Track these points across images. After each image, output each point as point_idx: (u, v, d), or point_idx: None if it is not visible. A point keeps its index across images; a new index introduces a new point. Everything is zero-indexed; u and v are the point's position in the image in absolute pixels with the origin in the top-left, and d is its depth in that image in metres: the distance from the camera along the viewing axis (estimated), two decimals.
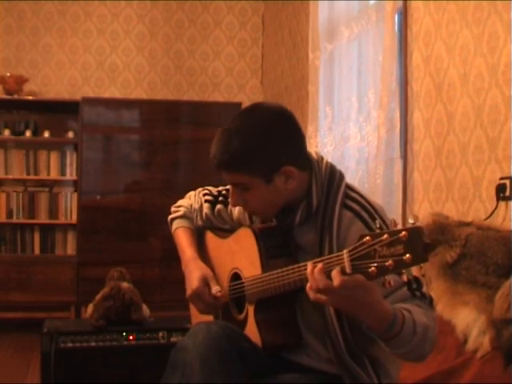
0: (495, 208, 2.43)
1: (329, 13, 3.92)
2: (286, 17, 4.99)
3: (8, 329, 4.63)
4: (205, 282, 1.72)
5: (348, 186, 1.61)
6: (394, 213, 3.05)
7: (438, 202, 2.84)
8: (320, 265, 1.31)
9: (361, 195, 1.59)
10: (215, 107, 5.18)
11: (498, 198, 2.42)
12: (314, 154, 1.63)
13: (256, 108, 1.64)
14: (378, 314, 1.33)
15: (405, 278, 1.33)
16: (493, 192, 2.45)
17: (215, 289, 1.70)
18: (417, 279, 1.49)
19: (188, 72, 5.50)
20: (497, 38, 2.45)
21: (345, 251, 1.27)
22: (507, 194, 2.39)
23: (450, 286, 2.08)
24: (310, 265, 1.33)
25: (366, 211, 1.54)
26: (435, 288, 2.13)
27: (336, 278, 1.26)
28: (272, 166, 1.54)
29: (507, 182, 2.38)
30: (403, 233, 1.18)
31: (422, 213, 2.91)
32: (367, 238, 1.23)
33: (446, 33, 2.80)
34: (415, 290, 1.47)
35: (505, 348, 1.83)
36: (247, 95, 5.53)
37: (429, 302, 1.49)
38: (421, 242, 1.17)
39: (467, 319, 1.98)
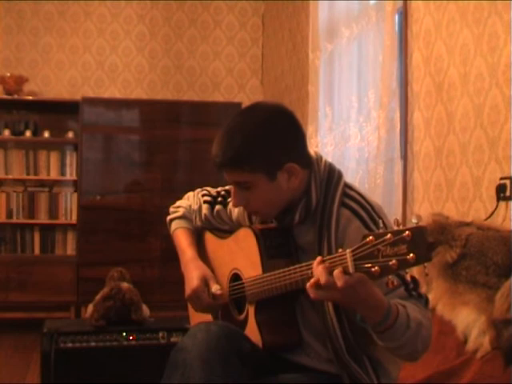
0: (495, 208, 2.43)
1: (329, 13, 3.92)
2: (286, 17, 4.99)
3: (8, 329, 4.63)
4: (204, 282, 1.72)
5: (346, 185, 1.60)
6: (394, 213, 3.05)
7: (438, 201, 2.84)
8: (325, 264, 1.30)
9: (359, 194, 1.58)
10: (215, 107, 5.18)
11: (498, 198, 2.42)
12: (313, 153, 1.63)
13: (257, 106, 1.65)
14: (373, 303, 1.33)
15: (408, 277, 1.33)
16: (493, 192, 2.45)
17: (215, 287, 1.70)
18: (414, 279, 1.49)
19: (188, 72, 5.50)
20: (497, 38, 2.44)
21: (348, 251, 1.27)
22: (507, 194, 2.39)
23: (450, 286, 2.08)
24: (315, 261, 1.33)
25: (364, 210, 1.53)
26: (435, 288, 2.13)
27: (339, 278, 1.26)
28: (275, 162, 1.53)
29: (507, 182, 2.38)
30: (407, 232, 1.17)
31: (422, 213, 2.90)
32: (370, 237, 1.22)
33: (446, 33, 2.80)
34: (412, 290, 1.47)
35: (505, 348, 1.83)
36: (247, 95, 5.53)
37: (425, 302, 1.49)
38: (424, 241, 1.16)
39: (467, 319, 1.98)
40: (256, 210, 1.62)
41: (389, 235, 1.19)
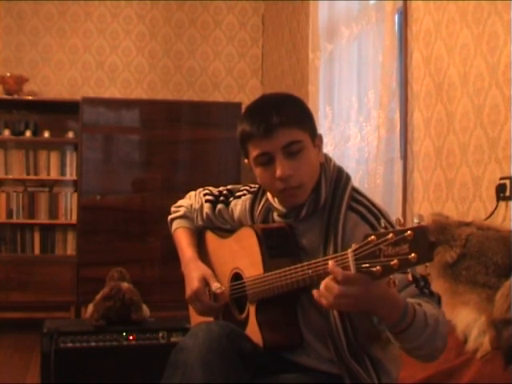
0: (495, 208, 2.43)
1: (329, 13, 3.92)
2: (286, 17, 4.99)
3: (8, 329, 4.63)
4: (205, 283, 1.72)
5: (354, 189, 1.62)
6: (394, 213, 3.05)
7: (438, 201, 2.84)
8: (332, 261, 1.30)
9: (367, 199, 1.59)
10: (215, 107, 5.18)
11: (498, 198, 2.42)
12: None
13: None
14: (389, 302, 1.31)
15: (409, 277, 1.33)
16: (493, 192, 2.45)
17: (215, 285, 1.70)
18: (424, 277, 1.48)
19: (188, 72, 5.50)
20: (497, 38, 2.45)
21: (349, 251, 1.27)
22: (507, 194, 2.39)
23: (450, 286, 2.08)
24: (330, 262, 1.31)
25: (371, 214, 1.54)
26: (435, 288, 2.12)
27: (338, 274, 1.26)
28: (315, 128, 1.62)
29: (507, 181, 2.38)
30: (409, 232, 1.17)
31: (422, 213, 2.90)
32: (372, 237, 1.22)
33: (446, 33, 2.80)
34: (423, 287, 1.46)
35: (505, 348, 1.83)
36: (247, 95, 5.52)
37: (437, 300, 1.48)
38: (426, 240, 1.16)
39: (467, 319, 1.98)
40: (300, 181, 1.56)
41: (391, 235, 1.19)
